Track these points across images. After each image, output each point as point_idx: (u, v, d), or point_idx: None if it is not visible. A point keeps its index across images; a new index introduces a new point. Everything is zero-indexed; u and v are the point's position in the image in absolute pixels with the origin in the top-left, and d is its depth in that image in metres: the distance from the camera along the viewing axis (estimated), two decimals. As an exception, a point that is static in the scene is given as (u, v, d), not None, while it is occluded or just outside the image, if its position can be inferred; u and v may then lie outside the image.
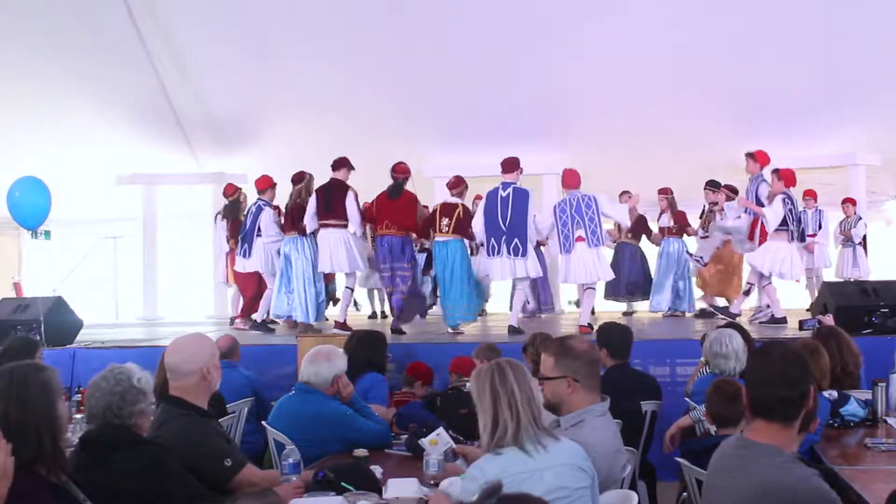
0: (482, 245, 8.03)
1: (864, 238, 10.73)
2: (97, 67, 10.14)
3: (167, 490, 2.77)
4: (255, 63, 10.15)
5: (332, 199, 7.90)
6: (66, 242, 13.57)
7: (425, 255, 8.95)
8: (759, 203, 8.14)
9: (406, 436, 3.93)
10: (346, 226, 8.01)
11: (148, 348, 6.98)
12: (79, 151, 11.33)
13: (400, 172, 8.06)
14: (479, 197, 8.60)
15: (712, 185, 9.55)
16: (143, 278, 12.43)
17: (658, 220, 10.28)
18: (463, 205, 8.01)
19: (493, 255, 7.64)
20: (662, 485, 4.76)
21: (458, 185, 8.15)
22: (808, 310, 8.29)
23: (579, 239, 7.50)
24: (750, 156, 8.39)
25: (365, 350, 5.10)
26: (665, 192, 10.24)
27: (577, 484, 2.60)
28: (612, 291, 10.37)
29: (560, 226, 7.58)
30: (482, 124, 10.66)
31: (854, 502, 2.88)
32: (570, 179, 7.72)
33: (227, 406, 5.01)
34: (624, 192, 10.03)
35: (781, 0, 9.15)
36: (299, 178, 8.37)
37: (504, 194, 7.61)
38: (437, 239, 7.98)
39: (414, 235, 8.25)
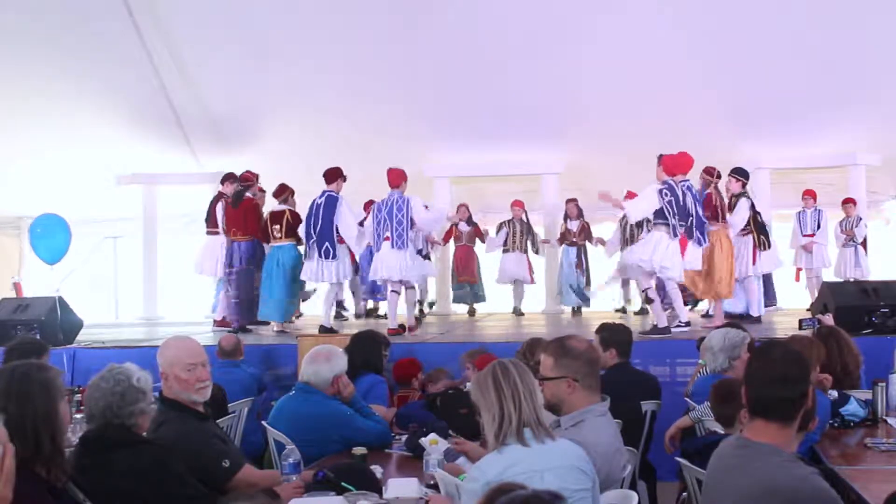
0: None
1: (865, 238, 10.71)
2: (97, 67, 10.12)
3: (167, 490, 2.77)
4: (255, 63, 10.14)
5: (213, 210, 8.86)
6: (66, 242, 13.52)
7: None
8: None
9: (406, 436, 3.93)
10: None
11: (148, 348, 6.95)
12: (79, 151, 11.31)
13: (244, 180, 8.66)
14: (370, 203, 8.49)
15: None
16: (143, 278, 12.40)
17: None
18: (290, 210, 8.37)
19: (309, 258, 7.87)
20: (662, 485, 4.75)
21: (281, 192, 8.50)
22: (808, 310, 8.27)
23: (386, 238, 7.57)
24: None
25: (360, 351, 5.09)
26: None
27: (578, 486, 2.61)
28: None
29: (375, 224, 7.69)
30: (482, 124, 10.65)
31: (854, 502, 2.89)
32: (393, 178, 7.71)
33: (229, 406, 5.02)
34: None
35: (782, 0, 9.15)
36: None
37: (319, 201, 7.80)
38: (273, 244, 8.36)
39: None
